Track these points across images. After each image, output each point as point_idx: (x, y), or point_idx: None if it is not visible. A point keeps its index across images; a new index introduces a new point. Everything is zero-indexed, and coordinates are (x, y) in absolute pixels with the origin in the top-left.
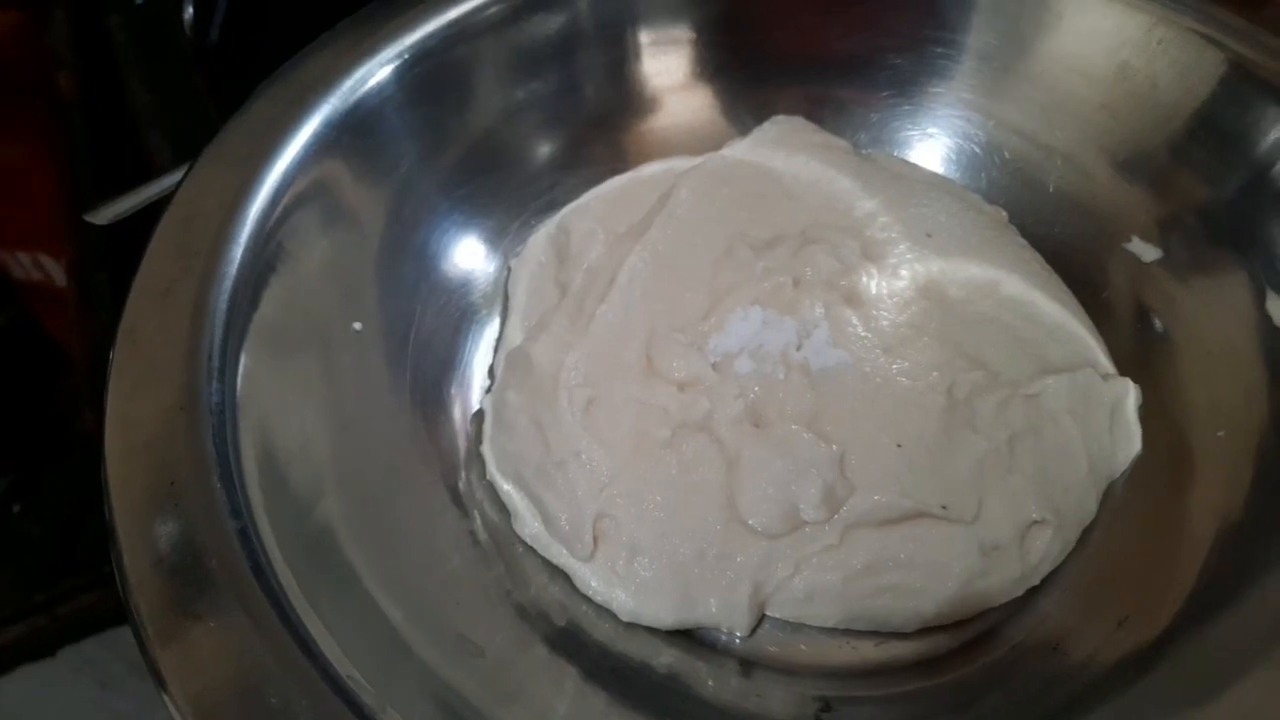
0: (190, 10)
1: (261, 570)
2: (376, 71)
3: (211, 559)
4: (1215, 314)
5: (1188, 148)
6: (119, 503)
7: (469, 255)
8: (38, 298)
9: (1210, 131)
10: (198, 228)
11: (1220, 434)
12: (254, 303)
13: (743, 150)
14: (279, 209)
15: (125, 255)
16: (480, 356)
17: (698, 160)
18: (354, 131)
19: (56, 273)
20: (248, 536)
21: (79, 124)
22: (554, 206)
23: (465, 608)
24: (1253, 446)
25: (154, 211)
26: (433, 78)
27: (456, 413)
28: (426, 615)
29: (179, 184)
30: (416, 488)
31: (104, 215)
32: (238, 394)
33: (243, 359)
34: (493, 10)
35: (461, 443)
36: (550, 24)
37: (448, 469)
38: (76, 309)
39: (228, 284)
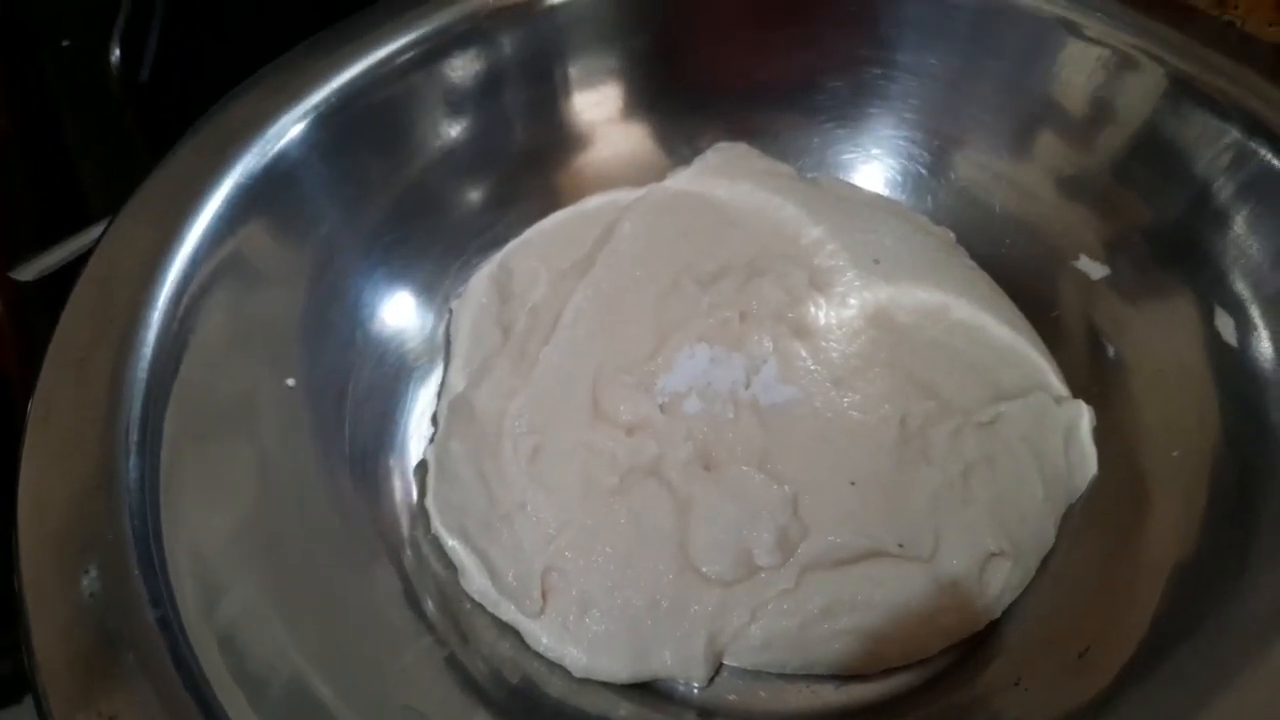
0: (118, 51)
1: (183, 661)
2: (299, 120)
3: (129, 652)
4: (1165, 331)
5: (1130, 164)
6: (31, 590)
7: (406, 301)
8: None
9: (1152, 147)
10: (115, 292)
11: (1175, 454)
12: (175, 370)
13: (686, 180)
14: (200, 269)
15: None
16: (422, 406)
17: (640, 192)
18: (277, 183)
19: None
20: (169, 626)
21: (12, 164)
22: (495, 245)
23: (408, 674)
24: (1207, 465)
25: (78, 265)
26: (358, 123)
27: (397, 466)
28: (365, 689)
29: (97, 242)
30: (354, 551)
31: (29, 271)
32: (160, 468)
33: (165, 430)
34: (417, 51)
35: (403, 498)
36: (477, 62)
37: (387, 528)
38: (15, 355)
39: (147, 350)
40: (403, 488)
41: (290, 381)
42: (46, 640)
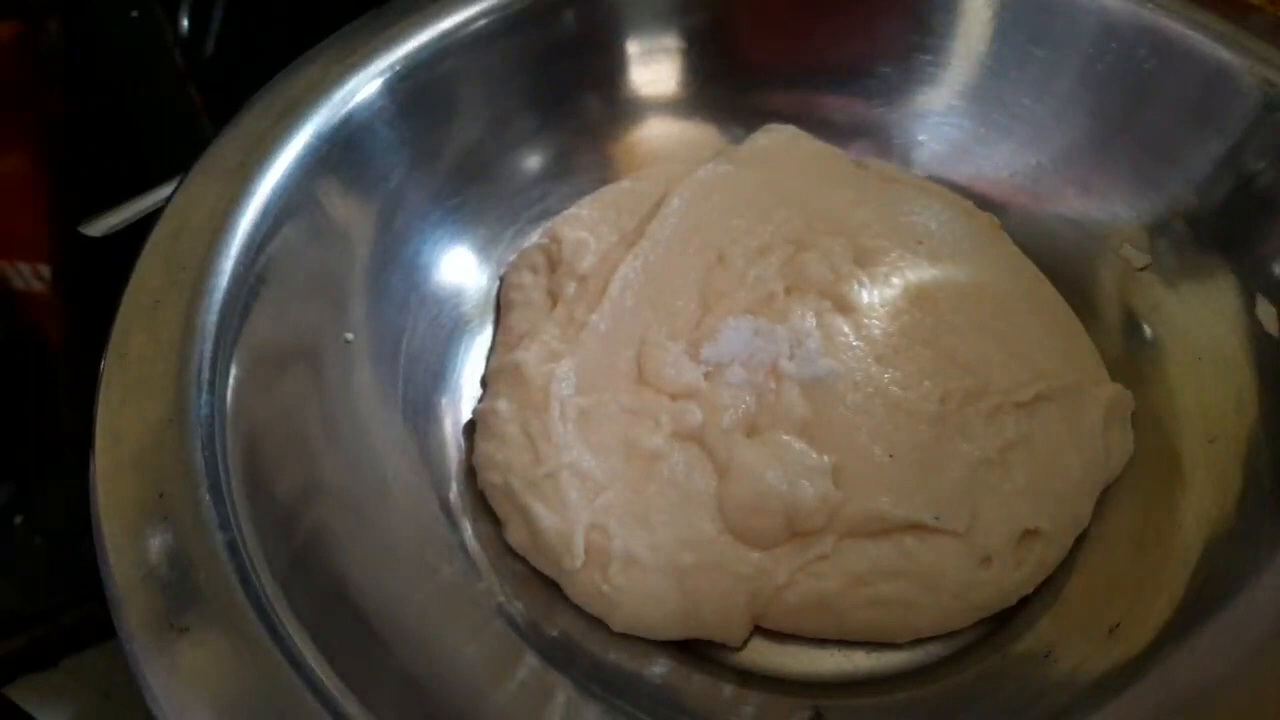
0: (185, 22)
1: (249, 582)
2: (366, 84)
3: (200, 571)
4: (1205, 319)
5: (1176, 153)
6: (107, 515)
7: (461, 265)
8: (38, 308)
9: (1198, 136)
10: (187, 242)
11: (1211, 440)
12: (244, 315)
13: (735, 159)
14: (269, 222)
15: (113, 267)
16: (472, 366)
17: (690, 169)
18: (344, 144)
19: None
20: (236, 549)
21: (73, 135)
22: (546, 215)
23: (456, 619)
24: (1242, 452)
25: (146, 224)
26: (423, 90)
27: (448, 423)
28: (417, 626)
29: (169, 197)
30: (407, 498)
31: (99, 227)
32: (228, 406)
33: (233, 371)
34: (481, 23)
35: (453, 453)
36: (538, 36)
37: (438, 479)
38: (62, 320)
39: (218, 297)
40: (452, 443)
41: (349, 336)
42: (122, 560)
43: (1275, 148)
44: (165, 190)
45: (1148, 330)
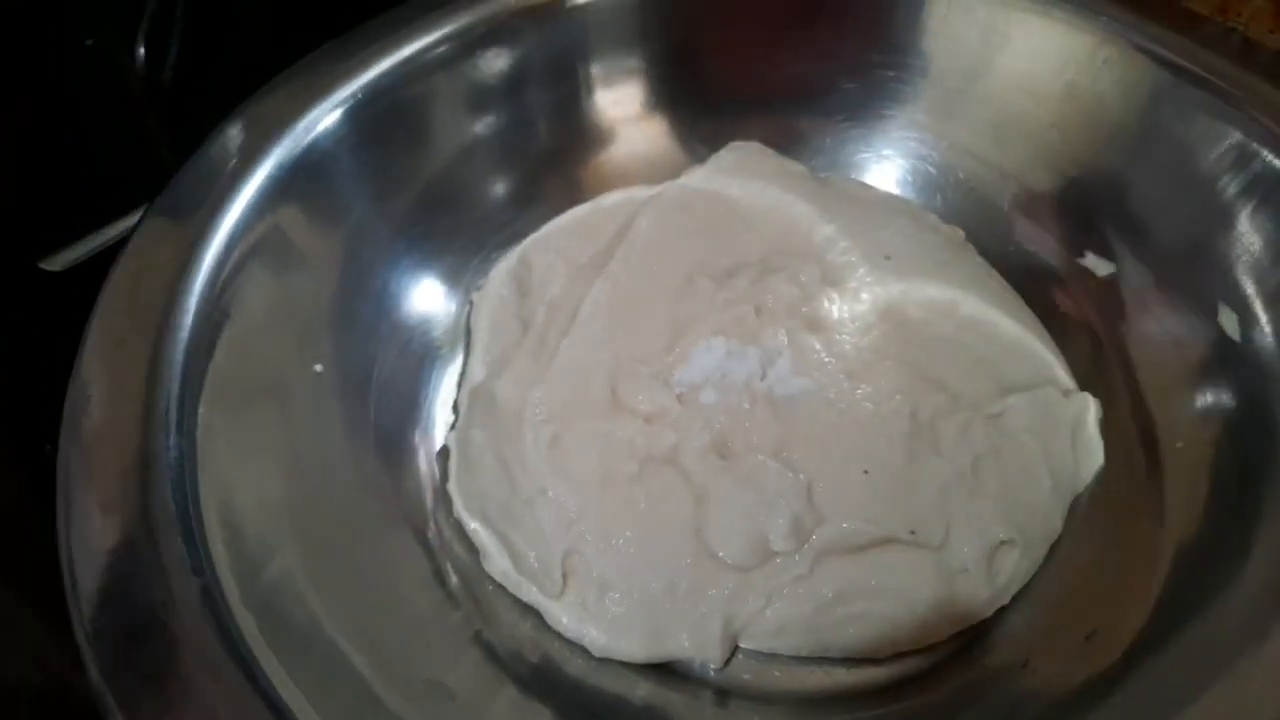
0: (142, 50)
1: (225, 628)
2: (329, 114)
3: (173, 619)
4: (1169, 326)
5: (1136, 163)
6: (79, 564)
7: (429, 293)
8: None
9: (1157, 146)
10: (150, 279)
11: (1179, 445)
12: (210, 353)
13: (701, 178)
14: (233, 257)
15: (66, 302)
16: (444, 394)
17: (656, 189)
18: (307, 175)
19: None
20: (210, 594)
21: (34, 162)
22: (514, 239)
23: (434, 651)
24: (1209, 457)
25: (107, 258)
26: (386, 118)
27: (421, 452)
28: (394, 661)
29: (130, 234)
30: (381, 530)
31: (58, 262)
32: (197, 447)
33: (200, 411)
34: (443, 49)
35: (427, 482)
36: (501, 60)
37: (413, 509)
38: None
39: (183, 335)
40: (427, 473)
41: (318, 368)
42: (94, 609)
43: (1232, 156)
44: (124, 223)
45: (1114, 340)
